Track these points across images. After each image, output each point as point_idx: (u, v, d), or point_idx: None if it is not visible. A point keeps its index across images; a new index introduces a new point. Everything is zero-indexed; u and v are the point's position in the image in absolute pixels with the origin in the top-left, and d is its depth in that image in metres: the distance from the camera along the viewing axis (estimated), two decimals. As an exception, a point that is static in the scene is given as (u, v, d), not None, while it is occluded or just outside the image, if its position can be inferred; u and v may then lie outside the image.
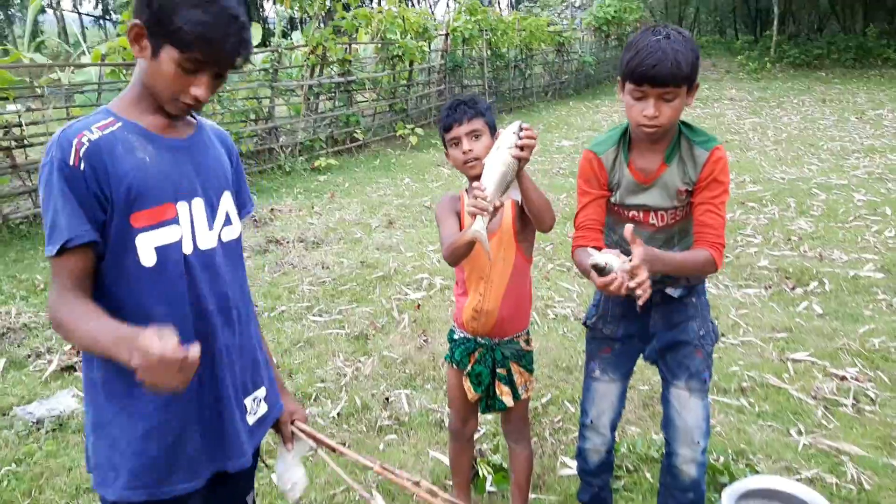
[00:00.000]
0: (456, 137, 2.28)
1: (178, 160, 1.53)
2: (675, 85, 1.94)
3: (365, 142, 10.70)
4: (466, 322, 2.42)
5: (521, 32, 15.12)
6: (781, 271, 5.17)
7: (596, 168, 2.19)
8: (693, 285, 2.31)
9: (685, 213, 2.17)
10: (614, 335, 2.40)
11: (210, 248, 1.59)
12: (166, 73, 1.42)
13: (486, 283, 2.35)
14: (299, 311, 4.79)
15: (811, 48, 22.17)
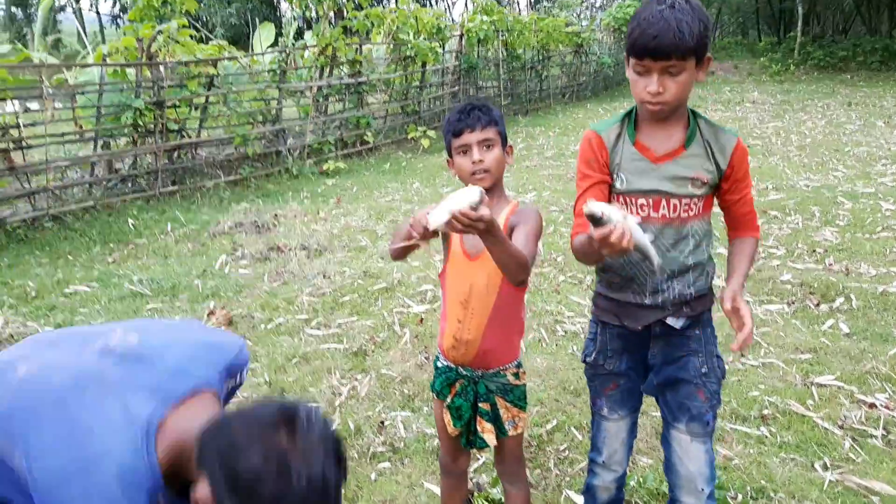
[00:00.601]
0: (466, 145, 2.06)
1: None
2: (680, 57, 1.76)
3: (375, 144, 10.51)
4: (447, 350, 2.21)
5: (539, 33, 14.86)
6: (806, 286, 4.89)
7: (596, 147, 1.98)
8: (698, 313, 2.07)
9: (699, 210, 1.95)
10: (617, 370, 2.18)
11: None
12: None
13: (465, 310, 2.12)
14: (297, 324, 4.58)
15: (836, 50, 21.71)
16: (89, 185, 7.53)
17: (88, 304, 4.99)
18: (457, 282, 2.12)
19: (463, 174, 2.09)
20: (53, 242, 6.50)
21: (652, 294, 2.02)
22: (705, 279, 2.07)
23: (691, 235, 1.97)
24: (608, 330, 2.15)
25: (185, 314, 4.76)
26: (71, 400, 1.42)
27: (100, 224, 7.04)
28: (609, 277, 2.10)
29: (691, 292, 2.03)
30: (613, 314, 2.12)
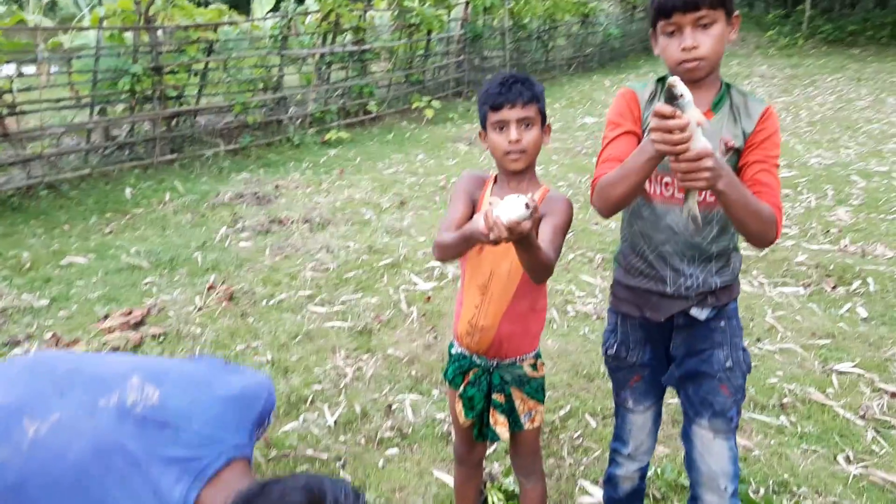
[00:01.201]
0: (504, 121, 1.91)
1: None
2: (709, 6, 1.69)
3: (378, 114, 10.31)
4: (461, 336, 2.09)
5: (545, 2, 14.55)
6: (821, 268, 4.77)
7: (630, 101, 1.88)
8: (723, 305, 1.96)
9: None
10: (640, 362, 2.07)
11: None
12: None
13: (483, 295, 2.00)
14: (300, 301, 4.46)
15: (845, 24, 21.30)
16: (85, 153, 7.34)
17: (85, 277, 4.86)
18: (477, 266, 2.00)
19: (496, 151, 1.96)
20: (49, 211, 6.35)
21: (674, 281, 1.91)
22: (731, 269, 1.96)
23: (716, 221, 1.87)
24: (629, 321, 2.05)
25: (184, 288, 4.64)
26: (93, 477, 1.28)
27: (96, 193, 6.87)
28: (630, 262, 1.99)
29: (716, 282, 1.92)
30: (634, 305, 2.01)
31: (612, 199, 1.75)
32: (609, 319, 2.13)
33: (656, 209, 1.87)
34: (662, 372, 2.08)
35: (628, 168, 1.69)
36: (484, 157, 8.47)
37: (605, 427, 3.12)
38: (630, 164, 1.68)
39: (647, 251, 1.93)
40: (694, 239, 1.86)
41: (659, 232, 1.89)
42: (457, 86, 12.61)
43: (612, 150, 1.83)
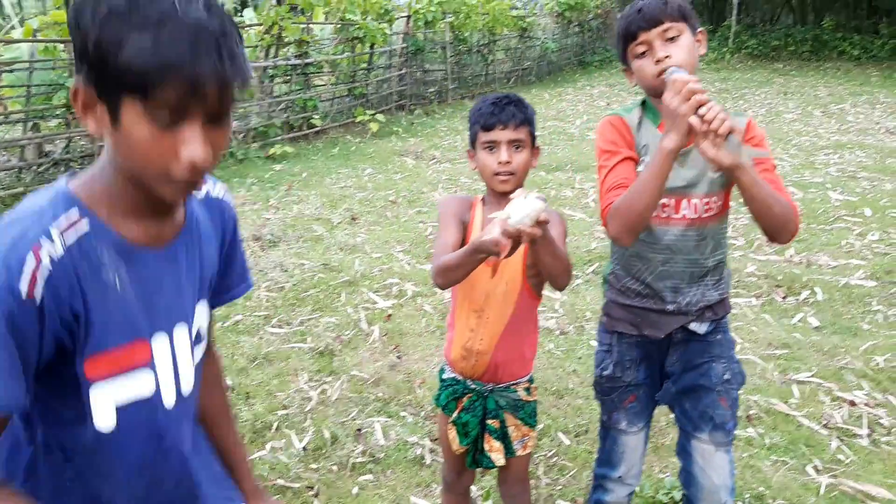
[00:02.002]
0: (494, 142, 1.90)
1: (157, 278, 1.10)
2: (672, 19, 1.75)
3: (322, 128, 10.17)
4: (455, 361, 2.05)
5: (485, 16, 14.68)
6: (770, 279, 4.91)
7: (620, 128, 1.89)
8: (720, 317, 1.99)
9: (718, 210, 1.88)
10: (636, 381, 2.07)
11: (189, 392, 1.17)
12: (139, 140, 0.95)
13: (479, 319, 1.97)
14: (256, 322, 4.33)
15: (769, 39, 22.26)
16: (18, 170, 6.99)
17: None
18: (472, 288, 1.95)
19: (485, 171, 1.94)
20: (-20, 232, 6.00)
21: (674, 299, 1.92)
22: (725, 282, 2.01)
23: (711, 237, 1.91)
24: (624, 340, 2.04)
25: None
26: None
27: (31, 212, 6.54)
28: (625, 284, 1.99)
29: (714, 295, 1.95)
30: (630, 324, 2.01)
31: (633, 217, 1.72)
32: (602, 340, 2.11)
33: (654, 231, 1.88)
34: (656, 390, 2.08)
35: (646, 176, 1.68)
36: (431, 170, 8.45)
37: (579, 444, 3.12)
38: (647, 171, 1.69)
39: (644, 273, 1.93)
40: (691, 256, 1.88)
41: (657, 253, 1.89)
42: (399, 99, 12.57)
43: (615, 178, 1.82)
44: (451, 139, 10.39)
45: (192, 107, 0.94)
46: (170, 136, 0.95)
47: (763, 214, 1.72)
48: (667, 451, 2.99)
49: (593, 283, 4.88)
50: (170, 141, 0.95)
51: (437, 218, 2.06)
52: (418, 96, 13.21)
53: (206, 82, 0.93)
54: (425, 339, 4.11)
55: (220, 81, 0.94)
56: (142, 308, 1.07)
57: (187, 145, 0.95)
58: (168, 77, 0.91)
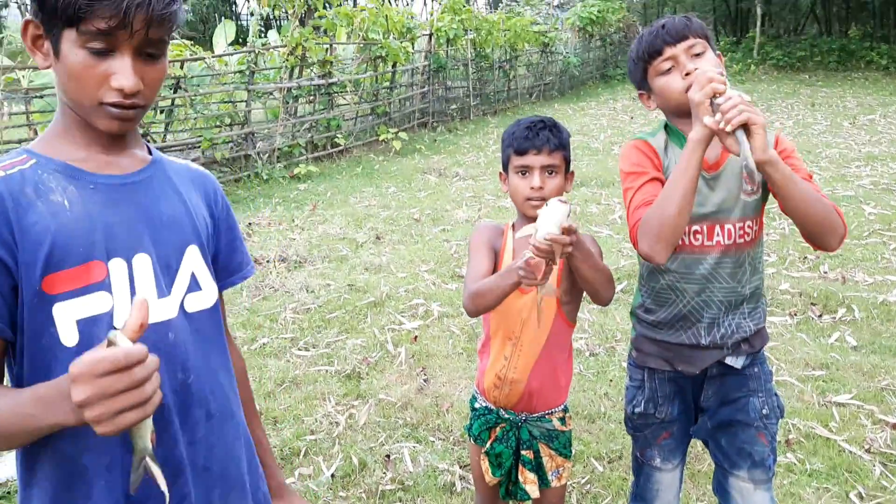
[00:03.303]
0: (527, 167, 1.85)
1: (114, 202, 1.15)
2: (696, 36, 1.72)
3: (346, 147, 10.21)
4: (488, 390, 1.99)
5: (506, 33, 14.70)
6: (805, 296, 4.79)
7: (647, 152, 1.82)
8: (757, 350, 1.91)
9: (754, 235, 1.80)
10: (670, 417, 1.98)
11: (162, 322, 1.16)
12: (74, 67, 1.07)
13: (514, 347, 1.92)
14: (282, 345, 4.31)
15: (794, 50, 22.05)
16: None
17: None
18: (506, 316, 1.91)
19: (517, 196, 1.90)
20: (10, 255, 6.08)
21: (709, 331, 1.84)
22: (761, 311, 1.92)
23: (747, 263, 1.83)
24: (657, 375, 1.96)
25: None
26: None
27: (60, 234, 6.61)
28: (657, 318, 1.91)
29: (750, 326, 1.87)
30: (663, 359, 1.93)
31: (666, 227, 1.61)
32: (633, 375, 2.03)
33: (686, 260, 1.81)
34: (690, 425, 2.00)
35: (675, 175, 1.62)
36: (454, 188, 8.42)
37: (613, 471, 3.04)
38: (675, 171, 1.62)
39: (678, 305, 1.85)
40: (728, 285, 1.81)
41: (691, 284, 1.82)
42: (422, 116, 12.60)
43: (642, 196, 1.75)
44: (473, 155, 10.36)
45: (122, 37, 1.05)
46: (102, 64, 1.06)
47: (802, 214, 1.61)
48: (704, 479, 2.90)
49: (622, 302, 4.80)
50: (102, 69, 1.06)
51: (468, 247, 2.02)
52: (441, 113, 13.23)
53: (134, 13, 1.03)
54: (452, 360, 4.06)
55: (147, 14, 1.05)
56: (99, 230, 1.12)
57: (116, 72, 1.07)
58: (97, 6, 1.02)
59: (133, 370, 0.88)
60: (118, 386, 0.88)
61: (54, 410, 0.94)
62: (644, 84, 1.85)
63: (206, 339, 1.26)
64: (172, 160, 1.32)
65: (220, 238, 1.35)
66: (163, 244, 1.19)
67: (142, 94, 1.10)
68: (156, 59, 1.12)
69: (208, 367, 1.25)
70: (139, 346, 0.90)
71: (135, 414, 0.90)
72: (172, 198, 1.24)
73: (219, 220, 1.35)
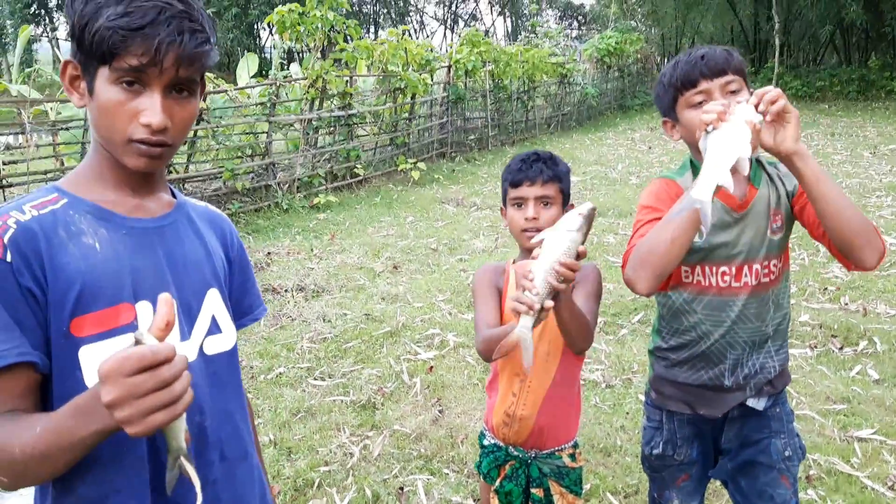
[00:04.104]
0: (522, 198, 1.87)
1: (142, 246, 1.17)
2: (735, 71, 1.65)
3: (365, 177, 10.30)
4: (497, 427, 1.98)
5: (524, 64, 14.83)
6: (826, 328, 4.74)
7: (673, 192, 1.76)
8: (779, 391, 1.88)
9: (779, 273, 1.77)
10: (689, 459, 1.94)
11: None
12: (107, 105, 1.09)
13: (521, 383, 1.91)
14: (298, 374, 4.32)
15: (813, 80, 22.02)
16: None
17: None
18: (514, 352, 1.90)
19: (514, 228, 1.91)
20: (34, 284, 6.16)
21: (732, 372, 1.81)
22: (785, 349, 1.89)
23: (771, 301, 1.80)
24: (676, 417, 1.93)
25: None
26: None
27: (82, 263, 6.71)
28: (678, 358, 1.88)
29: (775, 366, 1.84)
30: (684, 402, 1.89)
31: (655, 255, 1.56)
32: (651, 416, 2.00)
33: (713, 302, 1.78)
34: (710, 466, 1.97)
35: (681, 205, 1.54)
36: (472, 217, 8.45)
37: (629, 506, 3.00)
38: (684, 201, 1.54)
39: (701, 346, 1.82)
40: (752, 324, 1.78)
41: (718, 327, 1.79)
42: (441, 147, 12.70)
43: (646, 230, 1.71)
44: (491, 185, 10.41)
45: (152, 74, 1.07)
46: (133, 101, 1.08)
47: (836, 219, 1.50)
48: (722, 514, 2.86)
49: (639, 332, 4.77)
50: (132, 105, 1.08)
51: (472, 292, 2.03)
52: (459, 144, 13.33)
53: (165, 51, 1.06)
54: (468, 391, 4.04)
55: (178, 53, 1.07)
56: (127, 273, 1.13)
57: (145, 109, 1.08)
58: (130, 43, 1.05)
59: (160, 369, 0.88)
60: (147, 385, 0.87)
61: (93, 417, 0.93)
62: (671, 113, 1.78)
63: (223, 381, 1.27)
64: (193, 202, 1.35)
65: (233, 279, 1.37)
66: (185, 287, 1.21)
67: (169, 133, 1.11)
68: (186, 100, 1.14)
69: (224, 410, 1.26)
70: (166, 345, 0.90)
71: (165, 414, 0.90)
72: (195, 241, 1.26)
73: (233, 261, 1.37)
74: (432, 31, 42.14)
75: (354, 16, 38.01)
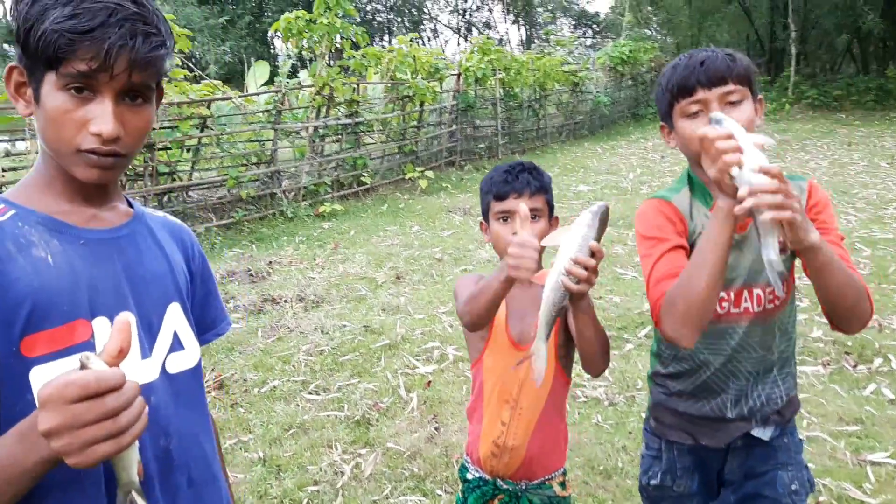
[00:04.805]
0: (508, 212, 1.73)
1: (99, 259, 1.10)
2: (737, 81, 1.50)
3: (372, 185, 10.21)
4: (483, 459, 1.84)
5: (535, 72, 14.72)
6: (839, 344, 4.57)
7: (669, 214, 1.63)
8: (787, 420, 1.74)
9: (786, 297, 1.64)
10: (689, 491, 1.81)
11: (143, 385, 1.08)
12: (54, 113, 1.01)
13: (512, 410, 1.78)
14: (293, 388, 4.21)
15: (830, 89, 21.71)
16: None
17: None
18: (502, 376, 1.78)
19: (499, 244, 1.78)
20: (33, 292, 6.11)
21: (735, 404, 1.69)
22: (792, 376, 1.76)
23: (777, 327, 1.67)
24: (676, 446, 1.80)
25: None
26: None
27: (83, 271, 6.65)
28: (677, 386, 1.76)
29: (781, 395, 1.71)
30: (684, 432, 1.77)
31: (694, 307, 1.41)
32: (649, 444, 1.87)
33: (711, 330, 1.65)
34: (712, 497, 1.84)
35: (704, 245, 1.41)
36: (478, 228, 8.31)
37: (628, 532, 2.86)
38: (703, 241, 1.42)
39: (701, 375, 1.70)
40: (756, 353, 1.65)
41: (717, 354, 1.67)
42: (449, 155, 12.60)
43: (665, 267, 1.56)
44: (500, 195, 10.28)
45: (103, 79, 1.00)
46: (81, 109, 1.01)
47: (832, 301, 1.45)
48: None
49: (645, 347, 4.62)
50: (81, 113, 1.01)
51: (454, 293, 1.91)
52: (469, 152, 13.23)
53: (116, 55, 0.99)
54: (465, 408, 3.91)
55: (130, 57, 1.00)
56: (83, 287, 1.05)
57: (95, 117, 1.01)
58: (78, 47, 0.98)
59: (106, 398, 0.80)
60: (89, 415, 0.80)
61: (38, 444, 0.85)
62: (668, 119, 1.65)
63: (187, 401, 1.20)
64: (152, 213, 1.28)
65: (195, 293, 1.31)
66: (144, 302, 1.14)
67: (122, 143, 1.04)
68: (140, 107, 1.07)
69: (190, 432, 1.19)
70: (114, 371, 0.82)
71: (109, 446, 0.82)
72: (155, 253, 1.20)
73: (195, 273, 1.31)
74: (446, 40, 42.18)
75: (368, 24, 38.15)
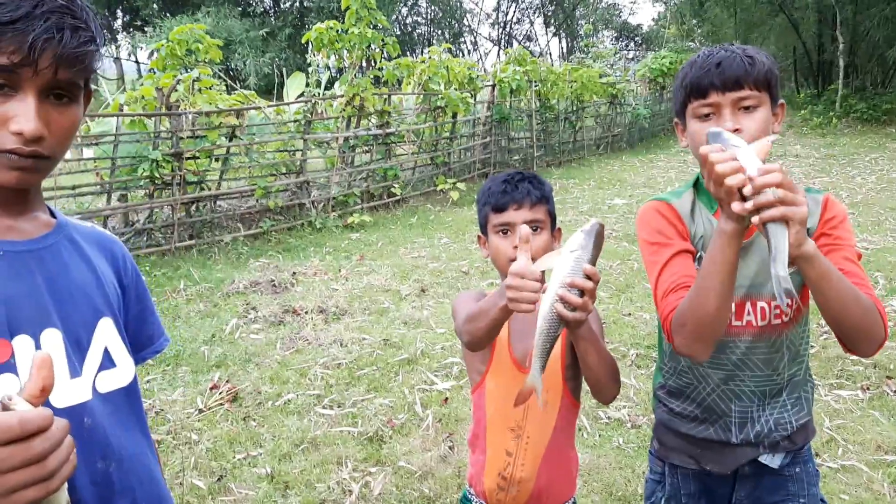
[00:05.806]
0: (508, 224, 1.63)
1: (16, 272, 1.02)
2: (753, 86, 1.38)
3: (403, 197, 10.14)
4: (489, 492, 1.71)
5: (572, 84, 14.55)
6: (880, 368, 4.32)
7: (669, 216, 1.54)
8: (799, 448, 1.59)
9: (797, 311, 1.51)
10: None
11: (76, 405, 1.01)
12: None
13: (518, 440, 1.64)
14: (307, 402, 4.12)
15: (880, 103, 21.05)
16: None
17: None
18: (505, 402, 1.65)
19: (499, 258, 1.66)
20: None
21: (741, 428, 1.55)
22: (806, 402, 1.61)
23: (786, 346, 1.53)
24: (680, 470, 1.68)
25: (186, 387, 4.33)
26: None
27: (112, 279, 6.69)
28: (680, 407, 1.64)
29: (792, 421, 1.57)
30: (688, 455, 1.65)
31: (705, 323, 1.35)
32: (653, 467, 1.76)
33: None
34: None
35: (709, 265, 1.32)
36: (510, 240, 8.19)
37: (645, 565, 2.68)
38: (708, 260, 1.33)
39: (703, 393, 1.58)
40: (762, 372, 1.53)
41: (716, 370, 1.55)
42: (483, 167, 12.49)
43: (672, 277, 1.47)
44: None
45: (25, 75, 0.94)
46: (2, 107, 0.94)
47: (838, 316, 1.34)
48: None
49: (673, 367, 4.43)
50: (1, 112, 0.94)
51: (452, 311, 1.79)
52: (503, 164, 13.10)
53: (40, 49, 0.93)
54: (479, 429, 3.77)
55: (56, 52, 0.94)
56: (0, 304, 0.99)
57: (16, 115, 0.94)
58: (0, 38, 0.91)
59: (31, 442, 0.74)
60: (13, 461, 0.74)
61: None
62: (682, 116, 1.57)
63: (124, 420, 1.12)
64: (77, 223, 1.20)
65: (129, 309, 1.22)
66: (72, 318, 1.07)
67: (46, 144, 0.98)
68: (65, 106, 1.00)
69: (132, 452, 1.11)
70: (39, 412, 0.76)
71: (36, 491, 0.76)
72: (81, 266, 1.13)
73: (128, 288, 1.23)
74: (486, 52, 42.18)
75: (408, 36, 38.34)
